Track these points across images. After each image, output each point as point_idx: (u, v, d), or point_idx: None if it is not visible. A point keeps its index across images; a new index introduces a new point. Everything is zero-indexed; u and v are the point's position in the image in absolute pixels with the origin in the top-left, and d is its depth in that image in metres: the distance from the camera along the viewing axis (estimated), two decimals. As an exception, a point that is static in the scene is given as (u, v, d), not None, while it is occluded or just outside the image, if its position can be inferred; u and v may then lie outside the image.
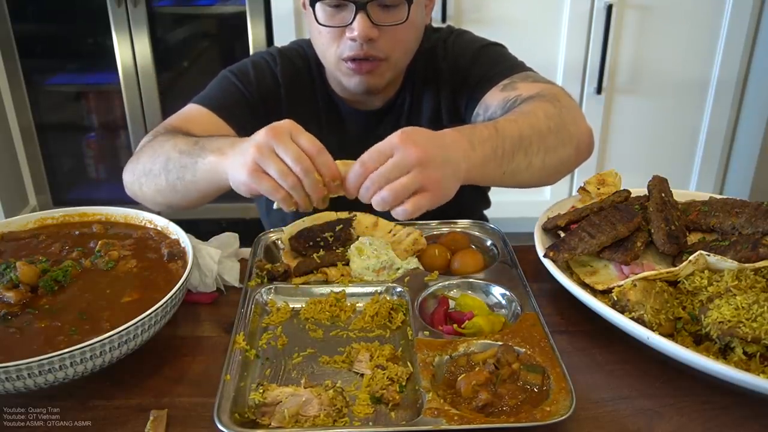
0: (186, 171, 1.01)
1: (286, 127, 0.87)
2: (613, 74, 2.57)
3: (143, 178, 1.10)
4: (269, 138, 0.86)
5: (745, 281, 0.89)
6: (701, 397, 0.81)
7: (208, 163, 0.97)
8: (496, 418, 0.74)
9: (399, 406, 0.79)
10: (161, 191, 1.07)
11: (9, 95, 2.76)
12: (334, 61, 1.20)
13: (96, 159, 2.99)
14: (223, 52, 2.96)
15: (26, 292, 0.88)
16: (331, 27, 1.16)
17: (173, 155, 1.03)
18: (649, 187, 1.11)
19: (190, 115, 1.25)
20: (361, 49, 1.16)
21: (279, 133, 0.86)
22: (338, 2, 1.13)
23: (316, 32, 1.20)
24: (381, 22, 1.14)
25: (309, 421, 0.75)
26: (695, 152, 2.73)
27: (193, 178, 1.00)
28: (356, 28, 1.12)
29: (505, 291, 0.99)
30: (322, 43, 1.21)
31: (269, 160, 0.85)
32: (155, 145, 1.10)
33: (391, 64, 1.21)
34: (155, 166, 1.06)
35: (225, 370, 0.81)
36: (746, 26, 2.49)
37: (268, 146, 0.85)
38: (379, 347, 0.88)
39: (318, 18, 1.16)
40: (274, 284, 1.01)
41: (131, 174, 1.14)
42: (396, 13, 1.15)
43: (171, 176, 1.03)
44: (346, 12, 1.14)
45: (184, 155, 1.01)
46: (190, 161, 1.00)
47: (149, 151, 1.09)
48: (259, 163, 0.86)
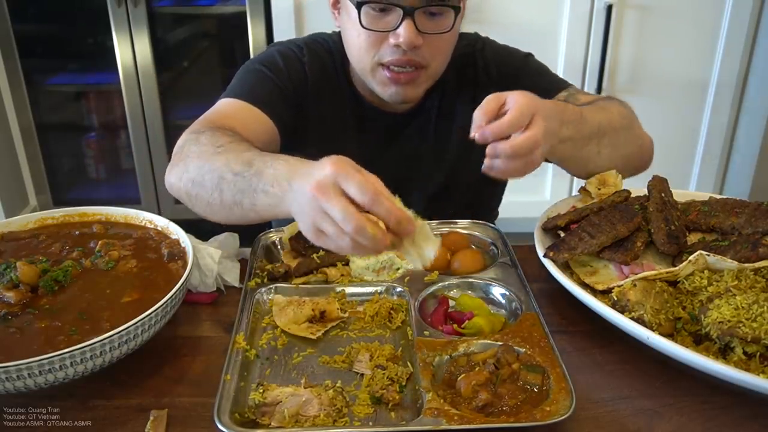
0: (244, 196, 0.90)
1: (331, 178, 0.76)
2: (613, 74, 2.57)
3: (192, 188, 0.98)
4: (317, 196, 0.75)
5: (745, 281, 0.89)
6: (701, 397, 0.81)
7: (270, 197, 0.86)
8: (496, 418, 0.74)
9: (399, 406, 0.79)
10: (213, 208, 0.95)
11: (9, 95, 2.76)
12: (370, 66, 1.17)
13: (96, 159, 2.99)
14: (223, 52, 2.96)
15: (26, 292, 0.88)
16: (374, 31, 1.12)
17: (227, 176, 0.92)
18: (649, 187, 1.11)
19: (229, 110, 1.18)
20: (404, 56, 1.13)
21: (324, 188, 0.75)
22: (385, 6, 1.10)
23: (354, 34, 1.16)
24: (426, 30, 1.11)
25: (309, 421, 0.75)
26: (695, 152, 2.73)
27: (253, 207, 0.89)
28: (402, 35, 1.09)
29: (505, 291, 0.99)
30: (359, 46, 1.16)
31: (322, 222, 0.76)
32: (203, 153, 0.98)
33: (430, 72, 1.18)
34: (206, 182, 0.95)
35: (225, 370, 0.81)
36: (746, 26, 2.49)
37: (318, 206, 0.75)
38: (379, 347, 0.88)
39: (362, 20, 1.12)
40: (274, 284, 1.01)
41: (177, 178, 1.01)
42: (441, 21, 1.13)
43: (226, 197, 0.92)
44: (391, 16, 1.11)
45: (240, 179, 0.90)
46: (247, 187, 0.89)
47: (197, 161, 0.98)
48: (315, 225, 0.77)
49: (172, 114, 2.81)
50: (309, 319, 0.95)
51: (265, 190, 0.86)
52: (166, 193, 2.94)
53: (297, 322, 0.94)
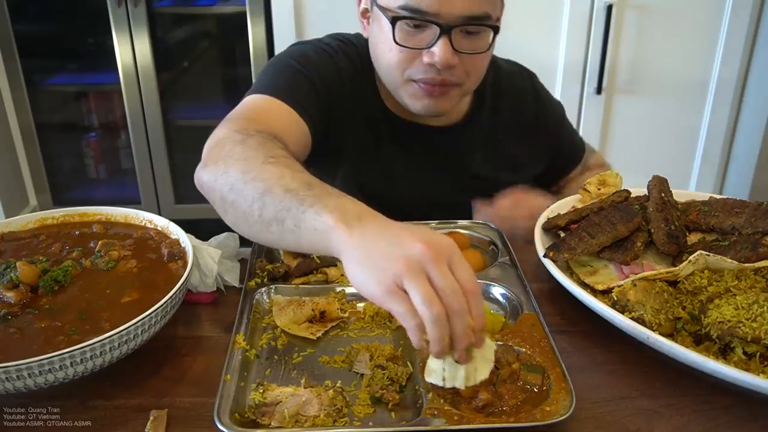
0: (289, 215, 0.79)
1: (447, 249, 0.69)
2: (613, 74, 2.57)
3: (229, 194, 0.87)
4: (426, 256, 0.67)
5: (745, 281, 0.89)
6: (701, 397, 0.81)
7: (320, 224, 0.75)
8: (496, 418, 0.74)
9: (399, 406, 0.79)
10: (248, 220, 0.85)
11: (9, 95, 2.76)
12: (400, 81, 1.13)
13: (96, 159, 3.00)
14: (223, 52, 2.96)
15: (26, 292, 0.88)
16: (408, 48, 1.08)
17: (276, 190, 0.81)
18: (649, 187, 1.11)
19: (264, 106, 1.08)
20: (437, 75, 1.08)
21: (439, 255, 0.68)
22: (421, 23, 1.05)
23: (386, 49, 1.11)
24: (463, 49, 1.07)
25: (309, 421, 0.75)
26: (695, 152, 2.73)
27: (296, 228, 0.78)
28: (437, 54, 1.05)
29: (505, 291, 0.99)
30: (390, 61, 1.11)
31: (418, 280, 0.66)
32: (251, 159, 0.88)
33: (464, 89, 1.15)
34: (248, 191, 0.84)
35: (225, 371, 0.81)
36: (746, 26, 2.48)
37: (421, 265, 0.67)
38: (379, 347, 0.88)
39: (396, 36, 1.07)
40: (274, 284, 1.01)
41: (212, 178, 0.91)
42: (478, 41, 1.09)
43: (268, 211, 0.81)
44: (426, 33, 1.06)
45: (291, 196, 0.79)
46: (296, 206, 0.78)
47: (242, 165, 0.87)
48: (403, 280, 0.67)
49: (172, 114, 2.81)
50: (309, 319, 0.95)
51: (318, 214, 0.75)
52: (166, 193, 2.97)
53: (297, 322, 0.94)
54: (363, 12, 1.19)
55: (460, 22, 1.04)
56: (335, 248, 0.73)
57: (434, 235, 0.70)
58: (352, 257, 0.71)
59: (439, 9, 1.03)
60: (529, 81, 1.39)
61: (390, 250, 0.68)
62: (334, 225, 0.73)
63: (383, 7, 1.08)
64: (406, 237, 0.69)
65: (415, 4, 1.04)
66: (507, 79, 1.35)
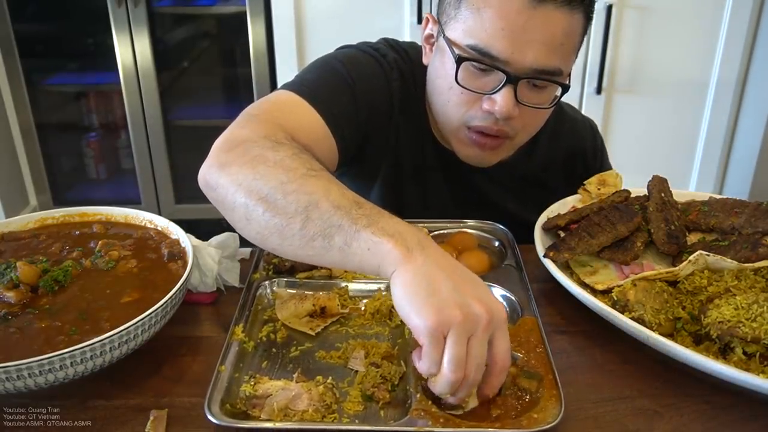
0: (339, 232, 0.75)
1: (499, 320, 0.70)
2: (613, 74, 2.57)
3: (259, 203, 0.80)
4: (482, 321, 0.68)
5: (745, 281, 0.89)
6: (701, 397, 0.81)
7: (379, 245, 0.73)
8: (483, 423, 0.74)
9: (389, 405, 0.79)
10: (283, 233, 0.79)
11: (9, 95, 2.76)
12: (456, 124, 1.06)
13: (96, 159, 3.00)
14: (223, 52, 2.97)
15: (26, 292, 0.88)
16: (470, 90, 1.01)
17: (324, 205, 0.77)
18: (649, 187, 1.11)
19: (294, 110, 1.00)
20: (495, 124, 1.02)
21: (490, 324, 0.69)
22: (488, 67, 0.98)
23: (445, 86, 1.03)
24: (525, 101, 1.00)
25: (297, 416, 0.75)
26: (695, 152, 2.73)
27: (345, 247, 0.75)
28: (498, 103, 0.98)
29: (506, 293, 0.98)
30: (448, 101, 1.04)
31: (461, 339, 0.68)
32: (289, 169, 0.82)
33: (515, 142, 1.09)
34: (290, 203, 0.78)
35: (220, 361, 0.81)
36: (746, 26, 2.49)
37: (473, 326, 0.68)
38: (376, 345, 0.88)
39: (458, 76, 0.99)
40: (278, 278, 1.01)
41: (233, 181, 0.83)
42: (543, 95, 1.02)
43: (313, 226, 0.76)
44: (491, 78, 0.99)
45: (341, 213, 0.76)
46: (348, 224, 0.75)
47: (281, 172, 0.81)
48: (451, 330, 0.68)
49: (172, 114, 2.82)
50: (310, 314, 0.95)
51: (374, 235, 0.73)
52: (166, 193, 2.97)
53: (298, 316, 0.94)
54: (427, 37, 1.10)
55: (529, 74, 0.97)
56: (388, 269, 0.73)
57: (493, 300, 0.71)
58: (409, 282, 0.70)
59: (510, 57, 0.96)
60: (591, 132, 1.33)
61: (453, 297, 0.69)
62: (392, 247, 0.72)
63: (451, 41, 1.00)
64: (469, 291, 0.70)
65: (485, 46, 0.96)
66: (570, 124, 1.29)
